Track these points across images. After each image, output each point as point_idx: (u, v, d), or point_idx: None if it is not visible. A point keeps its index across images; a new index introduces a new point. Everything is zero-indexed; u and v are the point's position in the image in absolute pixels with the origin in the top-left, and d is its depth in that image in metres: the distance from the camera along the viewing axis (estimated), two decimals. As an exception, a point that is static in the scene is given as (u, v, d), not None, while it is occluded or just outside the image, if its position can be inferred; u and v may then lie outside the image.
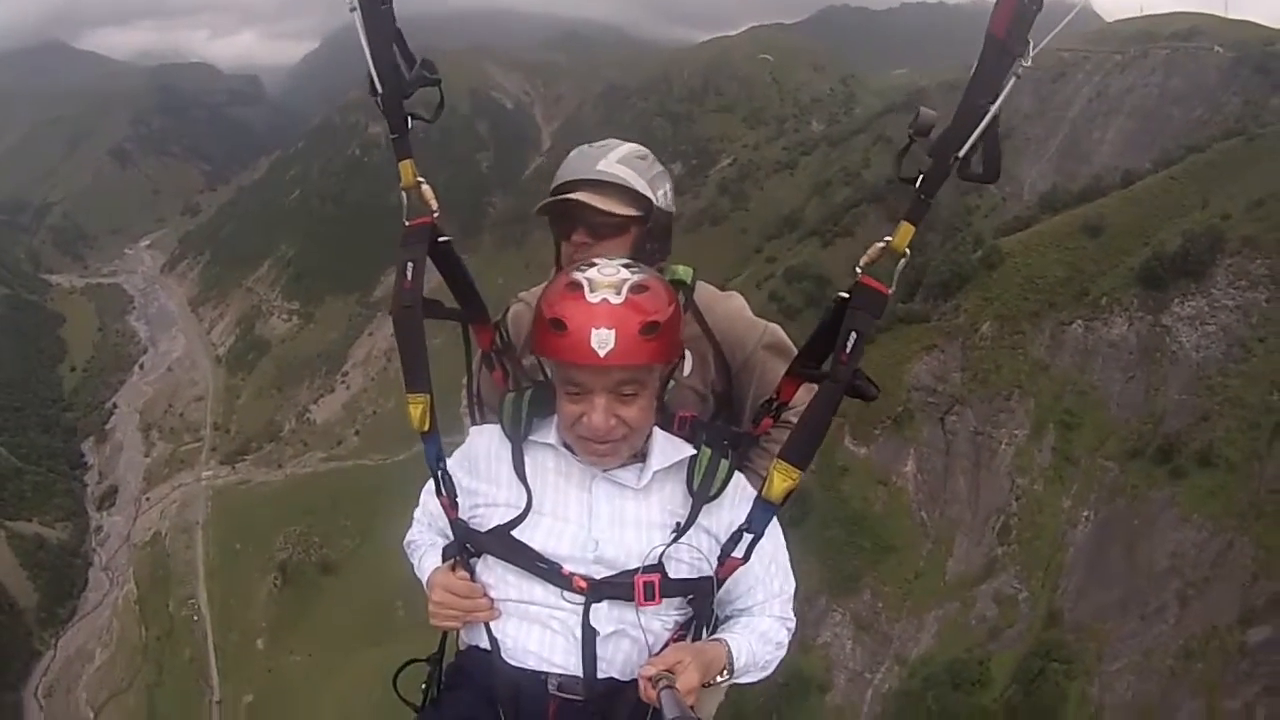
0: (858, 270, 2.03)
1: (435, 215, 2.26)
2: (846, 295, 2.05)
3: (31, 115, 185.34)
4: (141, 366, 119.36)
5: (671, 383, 2.48)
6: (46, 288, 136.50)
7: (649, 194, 2.50)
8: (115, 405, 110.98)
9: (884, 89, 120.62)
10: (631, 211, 2.47)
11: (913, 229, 1.98)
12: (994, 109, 1.86)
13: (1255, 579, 34.87)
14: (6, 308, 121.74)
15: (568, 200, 2.42)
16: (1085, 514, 40.92)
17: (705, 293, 2.67)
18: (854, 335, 2.00)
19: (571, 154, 2.54)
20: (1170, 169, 54.73)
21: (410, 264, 2.21)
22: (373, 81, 2.14)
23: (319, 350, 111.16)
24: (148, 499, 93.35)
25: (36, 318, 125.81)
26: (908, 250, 1.99)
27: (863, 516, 44.01)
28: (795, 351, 2.32)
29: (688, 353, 2.51)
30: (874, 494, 44.68)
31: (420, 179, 2.22)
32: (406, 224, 2.26)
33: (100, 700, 69.66)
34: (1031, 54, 1.81)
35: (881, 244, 2.01)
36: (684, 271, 2.61)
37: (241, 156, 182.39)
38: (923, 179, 1.94)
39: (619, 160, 2.47)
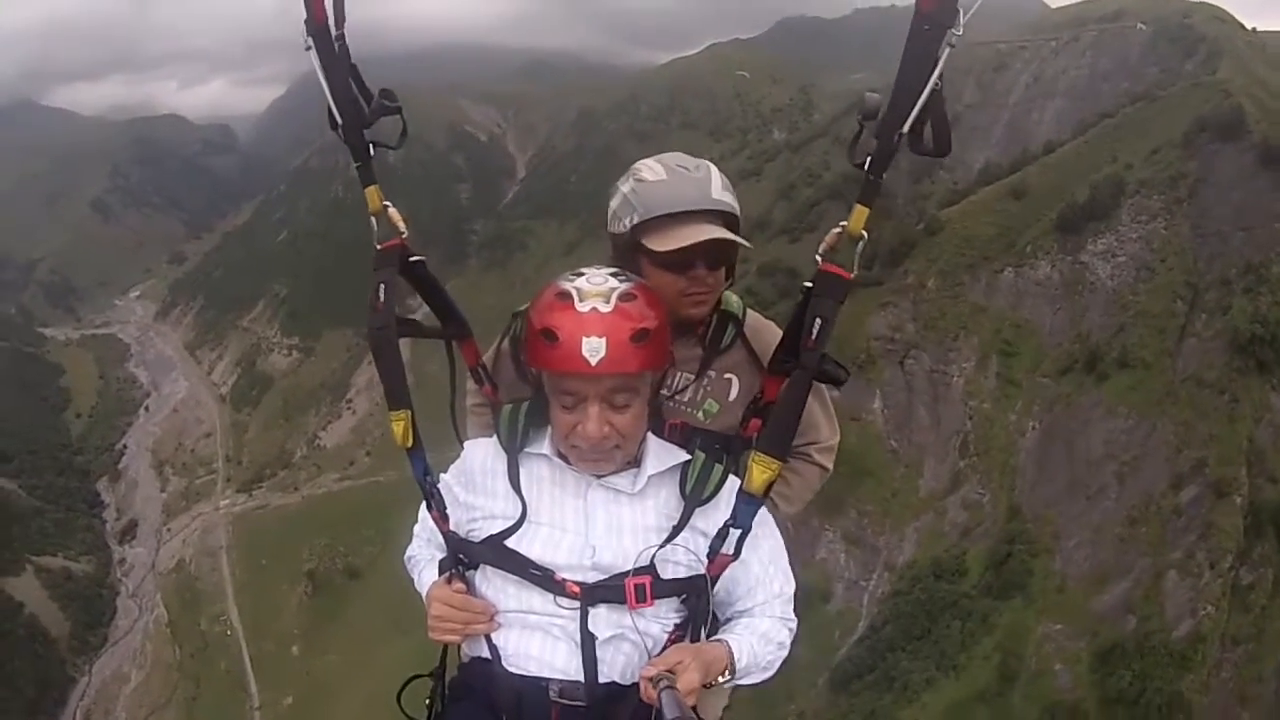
0: (818, 258, 2.09)
1: (404, 236, 2.29)
2: (810, 284, 2.11)
3: (6, 174, 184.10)
4: (147, 409, 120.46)
5: (716, 407, 2.65)
6: (42, 340, 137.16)
7: (739, 217, 2.50)
8: (125, 446, 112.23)
9: (841, 94, 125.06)
10: (745, 241, 2.47)
11: (866, 211, 2.00)
12: (931, 81, 1.87)
13: (1179, 450, 42.82)
14: (7, 361, 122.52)
15: (712, 243, 2.38)
16: (1031, 424, 48.70)
17: (753, 321, 2.70)
18: (819, 321, 2.06)
19: (667, 175, 2.44)
20: (1084, 135, 62.91)
21: (382, 285, 2.24)
22: (332, 114, 2.21)
23: (322, 380, 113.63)
24: (168, 530, 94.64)
25: (37, 369, 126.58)
26: (864, 232, 2.02)
27: (840, 449, 50.61)
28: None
29: (735, 378, 2.67)
30: (847, 429, 50.37)
31: (386, 203, 2.26)
32: (377, 247, 2.28)
33: (140, 718, 70.57)
34: (963, 21, 1.81)
35: (838, 229, 2.05)
36: (736, 303, 2.69)
37: (219, 205, 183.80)
38: (870, 160, 1.97)
39: (722, 187, 2.44)
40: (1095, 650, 40.40)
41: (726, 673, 2.05)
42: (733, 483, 2.18)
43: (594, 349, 1.91)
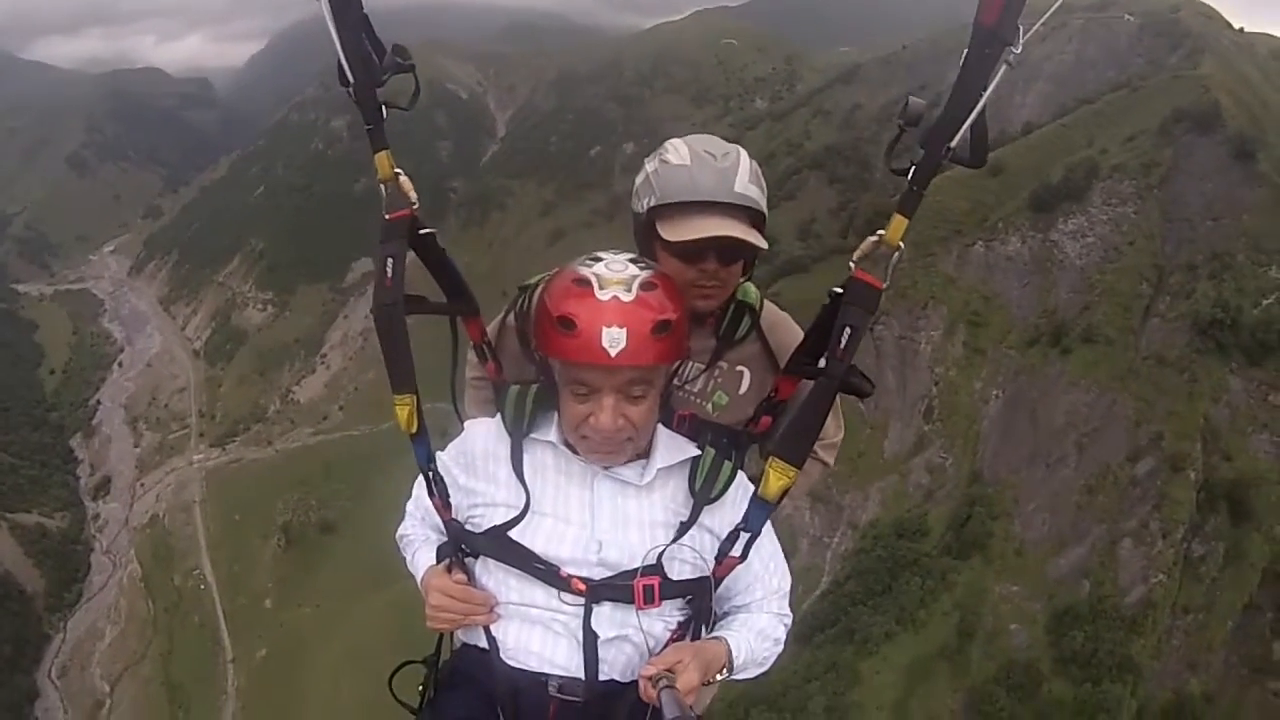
0: (851, 265, 2.01)
1: (415, 207, 2.17)
2: (840, 290, 2.03)
3: None
4: (120, 365, 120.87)
5: (725, 399, 2.58)
6: (16, 296, 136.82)
7: (765, 213, 2.38)
8: (99, 402, 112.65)
9: (824, 66, 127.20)
10: (762, 242, 2.33)
11: (906, 222, 1.94)
12: (985, 97, 1.84)
13: (1137, 425, 44.55)
14: None
15: (726, 239, 2.27)
16: (994, 392, 50.32)
17: (770, 314, 2.64)
18: (848, 330, 1.98)
19: (690, 160, 2.33)
20: (1063, 118, 64.19)
21: (390, 259, 2.12)
22: (343, 72, 2.07)
23: (296, 336, 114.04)
24: (142, 485, 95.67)
25: (10, 325, 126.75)
26: (901, 244, 1.97)
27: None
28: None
29: (747, 370, 2.60)
30: (814, 391, 52.92)
31: (398, 170, 2.14)
32: (386, 217, 2.16)
33: (115, 674, 72.10)
34: (1022, 40, 1.78)
35: (875, 237, 1.98)
36: (754, 294, 2.60)
37: (196, 159, 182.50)
38: (915, 170, 1.91)
39: (749, 180, 2.32)
40: (1050, 612, 42.17)
41: (724, 670, 2.04)
42: (741, 481, 2.15)
43: (614, 340, 1.85)
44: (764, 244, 2.33)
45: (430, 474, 2.18)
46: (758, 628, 2.15)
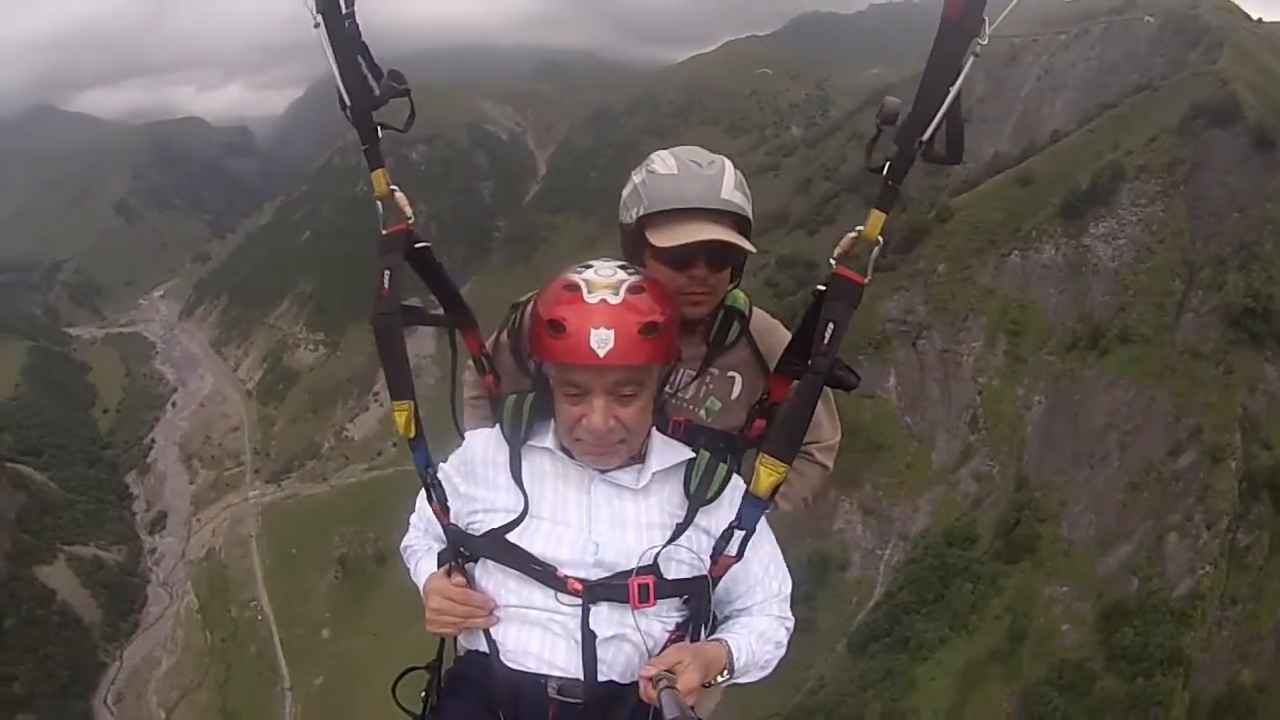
0: (832, 262, 2.07)
1: (410, 222, 2.27)
2: (824, 288, 2.09)
3: (30, 179, 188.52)
4: (174, 405, 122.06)
5: (718, 405, 2.62)
6: (68, 339, 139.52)
7: (751, 219, 2.43)
8: (153, 440, 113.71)
9: (856, 89, 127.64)
10: (750, 245, 2.39)
11: (884, 216, 1.99)
12: (954, 90, 1.87)
13: (1177, 419, 45.35)
14: (35, 359, 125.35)
15: (713, 243, 2.31)
16: (1037, 398, 51.27)
17: (759, 319, 2.69)
18: (831, 326, 2.03)
19: (677, 170, 2.38)
20: (1089, 124, 65.33)
21: (388, 271, 2.22)
22: (340, 96, 2.17)
23: (348, 375, 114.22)
24: (198, 520, 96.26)
25: (64, 367, 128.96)
26: (880, 238, 2.01)
27: (855, 425, 52.92)
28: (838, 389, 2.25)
29: (738, 376, 2.64)
30: (863, 406, 54.04)
31: (394, 187, 2.25)
32: (383, 232, 2.27)
33: (172, 701, 72.68)
34: (987, 32, 1.81)
35: (853, 234, 2.04)
36: (742, 300, 2.65)
37: (240, 205, 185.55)
38: (890, 166, 1.95)
39: (734, 186, 2.37)
40: (1100, 610, 42.65)
41: (725, 672, 2.06)
42: (736, 483, 2.19)
43: (602, 340, 1.90)
44: (751, 248, 2.39)
45: (429, 479, 2.24)
46: (759, 630, 2.19)
